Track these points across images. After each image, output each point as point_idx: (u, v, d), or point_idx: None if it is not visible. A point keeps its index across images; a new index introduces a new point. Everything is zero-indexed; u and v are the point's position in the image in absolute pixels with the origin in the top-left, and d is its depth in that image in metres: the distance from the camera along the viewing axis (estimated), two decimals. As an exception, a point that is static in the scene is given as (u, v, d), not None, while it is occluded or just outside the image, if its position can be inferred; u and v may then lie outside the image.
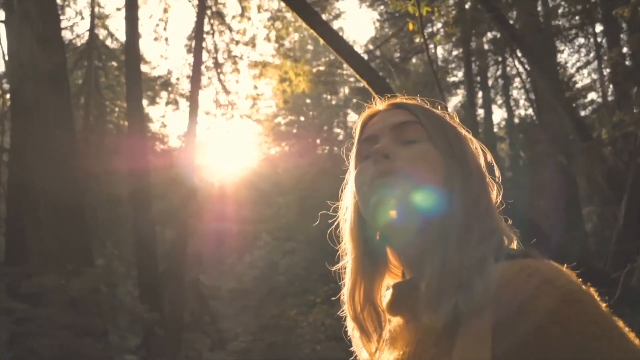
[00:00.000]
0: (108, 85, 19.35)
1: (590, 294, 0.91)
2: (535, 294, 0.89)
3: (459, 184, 1.12)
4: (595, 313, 0.88)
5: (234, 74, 18.85)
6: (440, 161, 1.14)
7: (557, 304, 0.87)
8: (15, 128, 12.05)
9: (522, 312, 0.89)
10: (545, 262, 0.97)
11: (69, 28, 17.89)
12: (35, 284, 9.09)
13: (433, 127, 1.19)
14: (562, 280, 0.91)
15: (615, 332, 0.87)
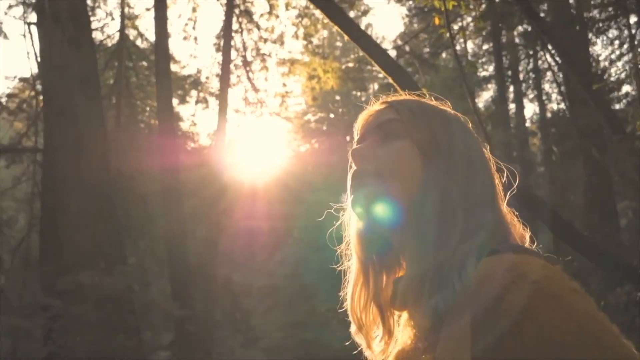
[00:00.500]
0: (139, 85, 19.53)
1: (572, 290, 0.89)
2: (510, 290, 0.88)
3: (438, 180, 1.09)
4: (572, 309, 0.85)
5: (263, 71, 18.91)
6: (416, 158, 1.13)
7: (532, 300, 0.85)
8: (48, 129, 12.24)
9: (497, 309, 0.87)
10: (526, 257, 0.95)
11: (99, 29, 18.10)
12: (69, 282, 9.24)
13: (414, 123, 1.17)
14: (538, 275, 0.89)
15: (594, 329, 0.83)
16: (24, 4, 16.68)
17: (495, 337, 0.86)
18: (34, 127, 15.36)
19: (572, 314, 0.84)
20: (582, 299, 0.88)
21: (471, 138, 1.18)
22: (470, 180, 1.10)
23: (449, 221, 1.06)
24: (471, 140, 1.17)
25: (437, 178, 1.09)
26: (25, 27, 15.64)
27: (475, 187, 1.09)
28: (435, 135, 1.14)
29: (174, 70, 19.59)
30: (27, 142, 15.86)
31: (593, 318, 0.85)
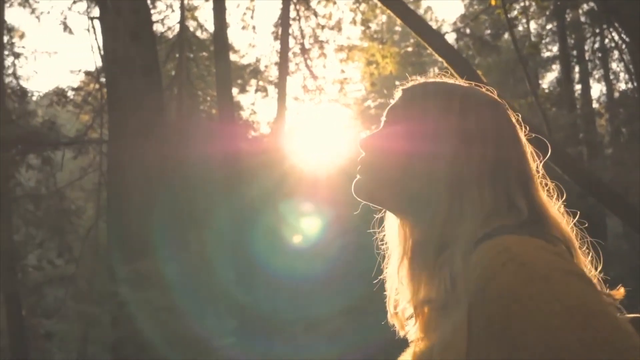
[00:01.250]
0: (199, 75, 19.81)
1: (565, 272, 0.87)
2: (500, 272, 0.87)
3: (420, 167, 1.10)
4: (561, 291, 0.83)
5: (321, 58, 18.93)
6: (402, 144, 1.14)
7: (521, 282, 0.85)
8: (112, 120, 12.56)
9: (487, 291, 0.87)
10: (523, 238, 0.94)
11: (160, 21, 18.43)
12: (135, 269, 9.49)
13: (409, 109, 1.18)
14: (530, 257, 0.88)
15: (583, 311, 0.81)
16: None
17: (487, 319, 0.86)
18: (99, 119, 15.78)
19: (560, 296, 0.82)
20: (576, 281, 0.86)
21: (484, 119, 1.13)
22: (461, 163, 1.07)
23: (431, 207, 1.07)
24: (482, 122, 1.12)
25: (420, 164, 1.10)
26: (89, 21, 16.00)
27: (467, 170, 1.07)
28: (427, 119, 1.13)
29: (233, 59, 19.81)
30: (93, 134, 16.31)
31: (584, 301, 0.83)
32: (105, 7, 12.42)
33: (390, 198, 1.16)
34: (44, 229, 14.09)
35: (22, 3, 17.56)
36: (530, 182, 1.13)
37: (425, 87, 1.21)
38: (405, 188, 1.12)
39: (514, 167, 1.12)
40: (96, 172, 16.18)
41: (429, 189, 1.08)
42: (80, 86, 18.52)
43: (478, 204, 1.05)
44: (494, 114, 1.16)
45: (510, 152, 1.13)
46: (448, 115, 1.13)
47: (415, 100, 1.18)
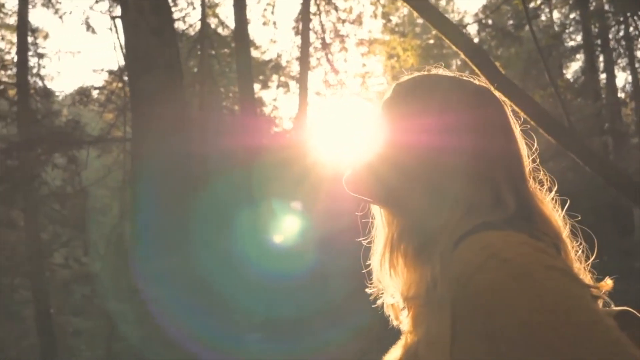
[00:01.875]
0: (221, 72, 19.90)
1: (547, 268, 0.87)
2: (482, 268, 0.87)
3: (395, 162, 1.11)
4: (543, 288, 0.84)
5: (342, 53, 18.88)
6: (387, 138, 1.15)
7: (502, 278, 0.85)
8: (135, 118, 12.62)
9: (469, 287, 0.88)
10: (507, 233, 0.93)
11: (181, 19, 18.49)
12: (159, 266, 9.54)
13: (392, 105, 1.18)
14: (511, 253, 0.88)
15: (565, 307, 0.82)
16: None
17: (469, 315, 0.88)
18: (122, 117, 15.89)
19: (542, 292, 0.83)
20: (558, 276, 0.86)
21: (466, 112, 1.10)
22: (436, 156, 1.07)
23: (408, 201, 1.08)
24: (463, 115, 1.10)
25: (397, 158, 1.10)
26: (111, 20, 16.11)
27: (443, 163, 1.06)
28: (409, 115, 1.13)
29: (254, 55, 19.84)
30: (117, 133, 16.45)
31: (566, 296, 0.83)
32: (127, 5, 12.47)
33: (373, 191, 1.15)
34: (69, 227, 14.24)
35: (45, 3, 17.74)
36: (520, 176, 1.11)
37: (410, 83, 1.20)
38: (384, 181, 1.12)
39: (501, 160, 1.09)
40: (120, 170, 16.32)
41: (406, 182, 1.08)
42: (103, 85, 18.68)
43: (456, 199, 1.03)
44: (479, 106, 1.13)
45: (497, 145, 1.10)
46: (428, 109, 1.11)
47: (401, 94, 1.17)
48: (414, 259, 1.07)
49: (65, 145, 13.15)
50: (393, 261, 1.12)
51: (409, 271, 1.09)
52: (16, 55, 16.62)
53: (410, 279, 1.09)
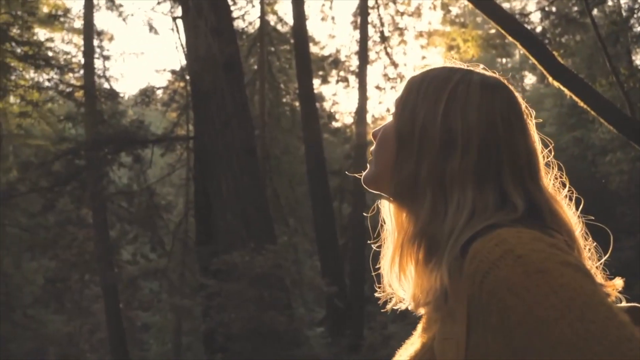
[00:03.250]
0: (281, 69, 19.97)
1: (561, 264, 0.86)
2: (496, 265, 0.87)
3: (405, 164, 1.09)
4: (557, 284, 0.83)
5: (401, 46, 18.77)
6: (393, 141, 1.13)
7: (517, 275, 0.85)
8: (197, 117, 12.85)
9: (484, 284, 0.88)
10: (520, 230, 0.93)
11: (240, 17, 18.68)
12: (223, 262, 9.69)
13: (403, 104, 1.15)
14: (526, 249, 0.88)
15: (579, 303, 0.81)
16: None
17: (484, 312, 0.88)
18: (185, 116, 16.19)
19: (557, 288, 0.83)
20: (572, 272, 0.86)
21: (472, 112, 1.08)
22: (445, 161, 1.05)
23: (417, 203, 1.07)
24: (469, 116, 1.07)
25: (405, 162, 1.09)
26: (173, 21, 16.42)
27: (449, 167, 1.05)
28: (415, 116, 1.11)
29: (313, 51, 19.87)
30: (180, 131, 16.76)
31: (580, 292, 0.83)
32: (187, 6, 12.69)
33: (387, 188, 1.15)
34: (136, 224, 14.58)
35: (109, 6, 18.18)
36: (530, 172, 1.09)
37: (421, 78, 1.17)
38: (396, 181, 1.11)
39: (508, 157, 1.06)
40: (184, 167, 16.64)
41: (417, 184, 1.07)
42: (166, 85, 19.05)
43: (458, 204, 1.02)
44: (484, 103, 1.10)
45: (503, 142, 1.07)
46: (435, 108, 1.09)
47: (411, 92, 1.15)
48: (424, 265, 1.07)
49: (131, 144, 13.47)
50: (403, 265, 1.11)
51: (418, 276, 1.09)
52: (82, 58, 17.13)
53: (420, 284, 1.09)
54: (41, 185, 13.00)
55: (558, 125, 20.54)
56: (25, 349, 15.93)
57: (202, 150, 12.36)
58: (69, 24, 18.02)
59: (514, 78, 30.01)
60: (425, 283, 1.05)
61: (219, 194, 11.49)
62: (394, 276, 1.16)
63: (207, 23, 12.18)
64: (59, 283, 14.76)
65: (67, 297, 15.68)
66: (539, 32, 16.23)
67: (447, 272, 0.97)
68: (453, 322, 0.95)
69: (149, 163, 14.61)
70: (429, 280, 1.03)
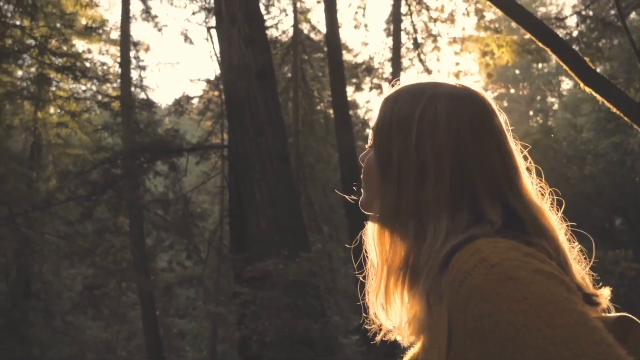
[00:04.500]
0: (314, 77, 20.06)
1: (534, 272, 0.89)
2: (471, 273, 0.91)
3: (387, 194, 1.13)
4: (528, 291, 0.86)
5: (435, 52, 18.71)
6: (375, 168, 1.18)
7: (489, 282, 0.89)
8: (231, 125, 12.94)
9: (460, 292, 0.92)
10: (497, 240, 0.97)
11: (274, 26, 18.83)
12: (257, 269, 9.73)
13: (377, 131, 1.19)
14: (500, 258, 0.91)
15: (549, 309, 0.84)
16: (205, 9, 17.73)
17: (460, 320, 0.91)
18: (219, 124, 16.31)
19: (527, 295, 0.86)
20: (545, 280, 0.89)
21: (444, 137, 1.10)
22: (420, 191, 1.09)
23: (400, 233, 1.12)
24: (441, 140, 1.10)
25: (387, 192, 1.13)
26: (207, 31, 16.59)
27: (425, 197, 1.08)
28: (390, 148, 1.14)
29: (347, 59, 19.92)
30: (215, 140, 16.90)
31: (550, 299, 0.86)
32: (221, 16, 12.81)
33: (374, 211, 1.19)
34: (172, 232, 14.72)
35: (145, 17, 18.45)
36: (509, 182, 1.10)
37: (391, 104, 1.20)
38: (380, 210, 1.15)
39: (484, 175, 1.09)
40: (219, 175, 16.77)
41: (397, 214, 1.11)
42: (201, 94, 19.23)
43: (437, 229, 1.06)
44: (455, 122, 1.11)
45: (477, 160, 1.09)
46: (407, 141, 1.12)
47: (384, 121, 1.19)
48: (408, 295, 1.11)
49: (166, 153, 13.61)
50: (389, 297, 1.15)
51: (403, 307, 1.14)
52: (119, 69, 17.41)
53: (405, 314, 1.14)
54: (79, 194, 13.19)
55: (596, 130, 20.24)
56: (64, 354, 16.17)
57: (236, 158, 12.44)
58: (106, 35, 18.35)
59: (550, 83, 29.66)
60: (409, 313, 1.10)
61: (253, 201, 11.54)
62: (380, 307, 1.20)
63: (240, 32, 12.27)
64: (96, 290, 14.96)
65: (104, 304, 15.88)
66: (574, 36, 16.01)
67: (425, 296, 1.02)
68: (436, 331, 0.99)
69: (184, 171, 14.76)
70: (411, 309, 1.09)
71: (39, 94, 14.77)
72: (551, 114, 33.23)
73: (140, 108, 16.16)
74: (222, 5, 12.70)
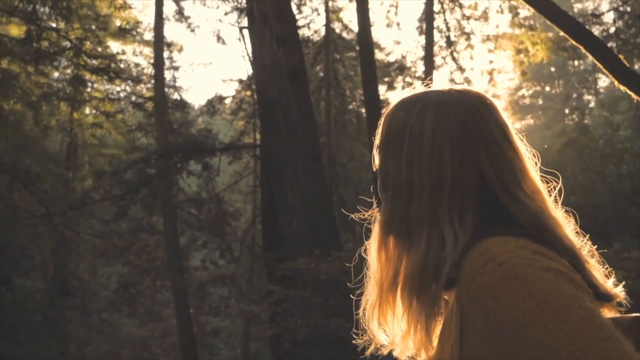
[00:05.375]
0: (346, 76, 20.03)
1: (542, 270, 0.91)
2: (480, 272, 0.94)
3: (384, 208, 1.19)
4: (535, 288, 0.88)
5: (468, 50, 18.57)
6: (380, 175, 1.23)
7: (497, 280, 0.91)
8: (263, 125, 13.00)
9: (470, 290, 0.95)
10: (505, 239, 0.99)
11: (306, 26, 18.86)
12: (289, 268, 9.76)
13: (379, 151, 1.25)
14: (507, 256, 0.93)
15: (554, 306, 0.85)
16: (237, 9, 17.84)
17: (470, 317, 0.94)
18: (251, 124, 16.40)
19: (534, 292, 0.87)
20: (553, 278, 0.90)
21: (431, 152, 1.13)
22: (409, 204, 1.13)
23: (394, 243, 1.18)
24: (428, 156, 1.13)
25: (385, 206, 1.19)
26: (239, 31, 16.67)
27: (412, 209, 1.12)
28: (387, 168, 1.19)
29: (379, 57, 19.87)
30: (247, 139, 16.99)
31: (556, 295, 0.87)
32: (253, 16, 12.88)
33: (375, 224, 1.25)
34: (205, 231, 14.84)
35: (178, 18, 18.63)
36: (505, 188, 1.11)
37: (387, 126, 1.25)
38: (380, 222, 1.21)
39: (462, 190, 1.11)
40: (251, 175, 16.86)
41: (389, 224, 1.17)
42: (234, 94, 19.35)
43: (418, 242, 1.11)
44: (438, 135, 1.14)
45: (458, 173, 1.11)
46: (398, 163, 1.17)
47: (383, 143, 1.23)
48: (405, 308, 1.14)
49: (199, 153, 13.73)
50: (384, 310, 1.20)
51: (399, 321, 1.18)
52: (153, 69, 17.60)
53: (402, 329, 1.18)
54: (114, 193, 13.38)
55: (634, 128, 19.89)
56: (101, 351, 16.43)
57: (268, 158, 12.50)
58: (139, 36, 18.55)
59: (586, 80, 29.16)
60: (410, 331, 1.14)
61: (285, 201, 11.58)
62: (375, 321, 1.25)
63: (272, 32, 12.32)
64: (131, 288, 15.16)
65: (139, 302, 16.09)
66: (611, 33, 15.76)
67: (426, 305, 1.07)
68: (449, 328, 1.02)
69: (217, 171, 14.86)
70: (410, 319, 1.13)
71: (75, 95, 14.99)
72: (587, 111, 32.76)
73: (173, 108, 16.32)
74: (254, 5, 12.76)
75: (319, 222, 11.43)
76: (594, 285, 1.03)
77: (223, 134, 18.00)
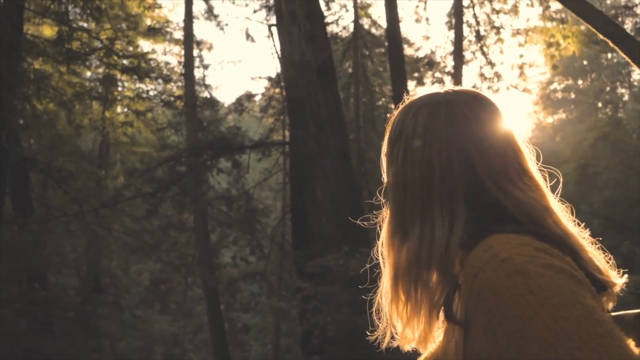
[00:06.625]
0: (375, 72, 19.99)
1: (544, 267, 0.92)
2: (483, 268, 0.96)
3: (389, 200, 1.25)
4: (535, 284, 0.89)
5: (498, 44, 18.40)
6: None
7: (499, 277, 0.92)
8: (292, 122, 13.04)
9: (473, 287, 0.96)
10: (509, 236, 1.01)
11: (334, 22, 18.85)
12: (317, 265, 9.79)
13: (384, 158, 1.31)
14: (510, 253, 0.95)
15: (555, 302, 0.86)
16: (265, 7, 17.89)
17: (475, 314, 0.96)
18: (280, 121, 16.44)
19: (534, 288, 0.89)
20: (554, 275, 0.91)
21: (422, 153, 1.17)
22: (405, 199, 1.18)
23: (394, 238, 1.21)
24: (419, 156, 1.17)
25: (390, 204, 1.25)
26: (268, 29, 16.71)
27: (405, 206, 1.18)
28: (390, 166, 1.25)
29: (408, 53, 19.80)
30: (276, 136, 17.05)
31: (557, 292, 0.88)
32: (281, 13, 12.91)
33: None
34: (235, 228, 14.92)
35: (207, 16, 18.75)
36: (496, 186, 1.13)
37: (389, 135, 1.30)
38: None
39: (450, 191, 1.14)
40: (280, 172, 16.91)
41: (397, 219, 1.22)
42: (263, 91, 19.40)
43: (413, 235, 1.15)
44: (428, 135, 1.18)
45: (447, 172, 1.15)
46: (396, 157, 1.23)
47: (388, 150, 1.28)
48: (408, 302, 1.17)
49: (229, 150, 13.81)
50: (393, 302, 1.21)
51: (402, 309, 1.20)
52: (183, 68, 17.73)
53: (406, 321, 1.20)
54: (145, 191, 13.52)
55: (668, 123, 19.58)
56: (133, 347, 16.61)
57: (297, 155, 12.54)
58: (169, 35, 18.70)
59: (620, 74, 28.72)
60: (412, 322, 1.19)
61: (314, 197, 11.61)
62: (387, 312, 1.26)
63: (301, 29, 12.35)
64: (163, 285, 15.32)
65: (171, 298, 16.25)
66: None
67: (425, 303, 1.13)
68: (454, 325, 1.05)
69: (247, 168, 14.93)
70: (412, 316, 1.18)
71: (106, 95, 15.19)
72: (621, 105, 32.26)
73: (203, 106, 16.42)
74: (282, 2, 12.80)
75: (348, 219, 11.42)
76: (589, 274, 1.04)
77: (252, 131, 18.08)
